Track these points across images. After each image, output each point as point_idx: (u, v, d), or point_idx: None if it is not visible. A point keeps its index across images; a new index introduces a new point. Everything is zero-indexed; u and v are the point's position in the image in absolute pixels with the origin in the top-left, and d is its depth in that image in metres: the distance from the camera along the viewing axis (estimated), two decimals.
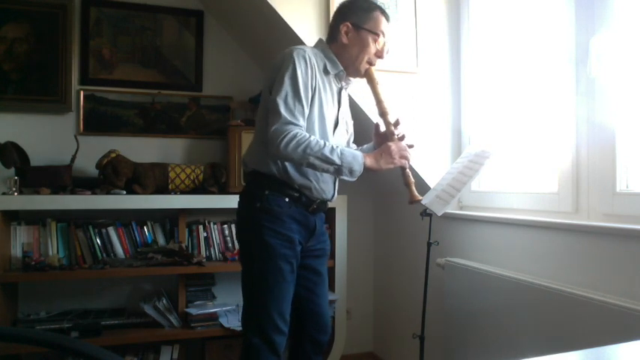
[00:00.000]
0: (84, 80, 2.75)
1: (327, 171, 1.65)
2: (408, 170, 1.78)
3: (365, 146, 1.97)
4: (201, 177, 2.65)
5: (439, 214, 2.03)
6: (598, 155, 1.74)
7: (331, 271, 2.79)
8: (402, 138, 1.79)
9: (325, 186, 1.77)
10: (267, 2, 2.25)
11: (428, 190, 2.23)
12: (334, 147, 1.62)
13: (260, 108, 1.77)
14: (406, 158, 1.74)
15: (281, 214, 1.69)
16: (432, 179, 2.40)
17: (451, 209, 2.29)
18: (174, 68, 2.90)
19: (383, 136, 1.84)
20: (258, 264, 1.68)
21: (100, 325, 2.46)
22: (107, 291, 2.73)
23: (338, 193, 2.82)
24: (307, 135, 1.59)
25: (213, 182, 2.67)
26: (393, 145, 1.73)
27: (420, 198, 1.79)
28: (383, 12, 1.79)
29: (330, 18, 2.29)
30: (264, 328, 1.67)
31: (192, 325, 2.55)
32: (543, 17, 2.02)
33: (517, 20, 2.18)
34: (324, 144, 1.60)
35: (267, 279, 1.67)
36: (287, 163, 1.68)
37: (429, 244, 2.13)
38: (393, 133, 1.79)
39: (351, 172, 1.64)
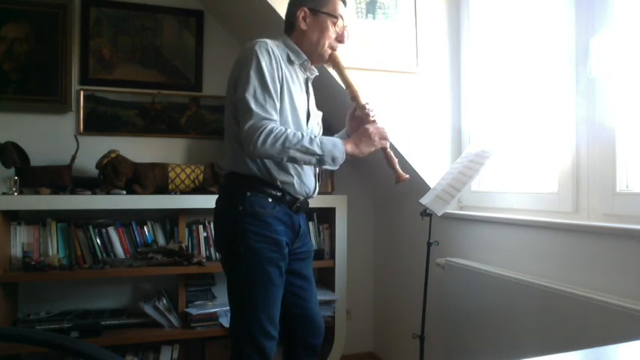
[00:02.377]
0: (84, 80, 2.75)
1: (309, 163, 1.61)
2: (389, 150, 1.73)
3: (336, 135, 1.91)
4: (201, 177, 2.65)
5: (439, 214, 2.03)
6: (598, 155, 1.74)
7: (331, 271, 2.80)
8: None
9: (307, 180, 1.73)
10: (267, 2, 2.25)
11: (428, 190, 2.24)
12: (312, 137, 1.58)
13: (227, 108, 1.71)
14: (385, 138, 1.71)
15: (265, 216, 1.64)
16: (432, 179, 2.40)
17: (451, 209, 2.29)
18: (174, 68, 2.90)
19: (358, 120, 1.79)
20: (245, 270, 1.63)
21: (100, 325, 2.46)
22: (107, 291, 2.73)
23: (338, 193, 2.84)
24: (283, 128, 1.55)
25: (213, 182, 2.67)
26: (370, 127, 1.68)
27: (407, 176, 1.74)
28: None
29: None
30: (254, 335, 1.63)
31: (192, 325, 2.55)
32: (543, 17, 2.02)
33: (517, 20, 2.18)
34: (302, 135, 1.57)
35: (256, 285, 1.63)
36: (267, 160, 1.63)
37: (429, 244, 2.13)
38: (367, 115, 1.74)
39: (333, 160, 1.61)
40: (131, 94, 2.82)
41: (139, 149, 2.79)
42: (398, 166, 1.74)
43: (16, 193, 2.37)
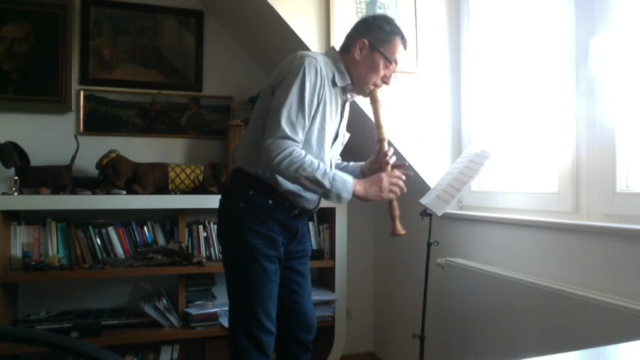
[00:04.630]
0: (84, 80, 2.75)
1: (315, 192, 1.63)
2: (395, 203, 1.72)
3: (351, 164, 1.93)
4: (201, 177, 2.65)
5: (439, 214, 2.03)
6: (598, 155, 1.74)
7: (331, 271, 2.79)
8: (395, 166, 1.76)
9: (311, 196, 1.74)
10: (267, 2, 2.25)
11: (428, 190, 2.24)
12: (327, 171, 1.58)
13: (258, 105, 1.73)
14: (395, 193, 1.69)
15: (263, 215, 1.68)
16: (432, 179, 2.40)
17: (451, 209, 2.29)
18: (174, 68, 2.90)
19: (377, 163, 1.79)
20: (242, 265, 1.67)
21: (100, 325, 2.47)
22: (107, 291, 2.73)
23: None
24: (303, 154, 1.56)
25: (213, 182, 2.67)
26: (385, 178, 1.67)
27: (403, 233, 1.74)
28: (403, 39, 1.75)
29: (331, 18, 2.30)
30: (251, 328, 1.66)
31: (192, 325, 2.55)
32: (543, 17, 2.02)
33: (517, 20, 2.18)
34: (318, 166, 1.57)
35: (252, 279, 1.66)
36: None
37: (429, 244, 2.13)
38: (387, 163, 1.74)
39: (338, 197, 1.60)
40: (131, 94, 2.82)
41: (139, 149, 2.80)
42: (398, 221, 1.74)
43: (16, 193, 2.37)
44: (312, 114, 1.62)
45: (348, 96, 1.80)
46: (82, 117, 2.73)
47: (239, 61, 3.01)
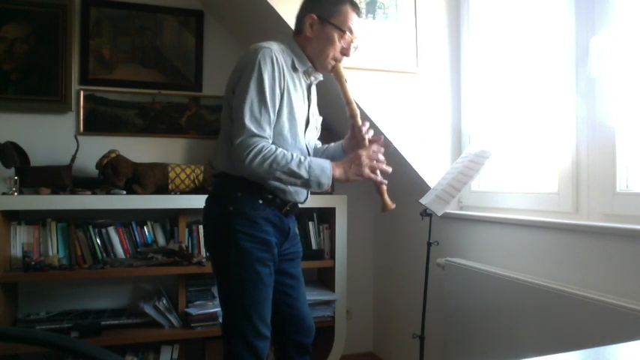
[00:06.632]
0: (84, 80, 2.75)
1: (294, 184, 1.60)
2: (379, 178, 1.67)
3: (332, 145, 1.89)
4: (201, 177, 2.65)
5: (439, 214, 2.03)
6: (598, 155, 1.74)
7: (331, 271, 2.80)
8: (371, 141, 1.70)
9: (298, 188, 1.70)
10: (267, 2, 2.25)
11: (428, 190, 2.24)
12: (302, 160, 1.55)
13: (224, 107, 1.69)
14: (375, 169, 1.64)
15: (256, 217, 1.63)
16: (432, 179, 2.40)
17: (451, 209, 2.29)
18: (174, 68, 2.90)
19: (354, 137, 1.74)
20: (235, 270, 1.62)
21: (100, 325, 2.46)
22: (107, 291, 2.73)
23: (338, 193, 2.84)
24: (273, 148, 1.53)
25: (213, 182, 2.67)
26: (363, 155, 1.62)
27: (393, 207, 1.70)
28: (354, 5, 1.68)
29: None
30: (246, 334, 1.62)
31: (192, 325, 2.55)
32: (543, 17, 2.02)
33: (517, 20, 2.18)
34: (292, 157, 1.54)
35: (246, 284, 1.62)
36: None
37: (429, 244, 2.13)
38: (363, 138, 1.69)
39: (319, 185, 1.58)
40: (131, 94, 2.82)
41: (139, 149, 2.79)
42: (386, 195, 1.70)
43: (16, 193, 2.37)
44: (278, 106, 1.58)
45: (312, 78, 1.75)
46: (82, 117, 2.73)
47: None
